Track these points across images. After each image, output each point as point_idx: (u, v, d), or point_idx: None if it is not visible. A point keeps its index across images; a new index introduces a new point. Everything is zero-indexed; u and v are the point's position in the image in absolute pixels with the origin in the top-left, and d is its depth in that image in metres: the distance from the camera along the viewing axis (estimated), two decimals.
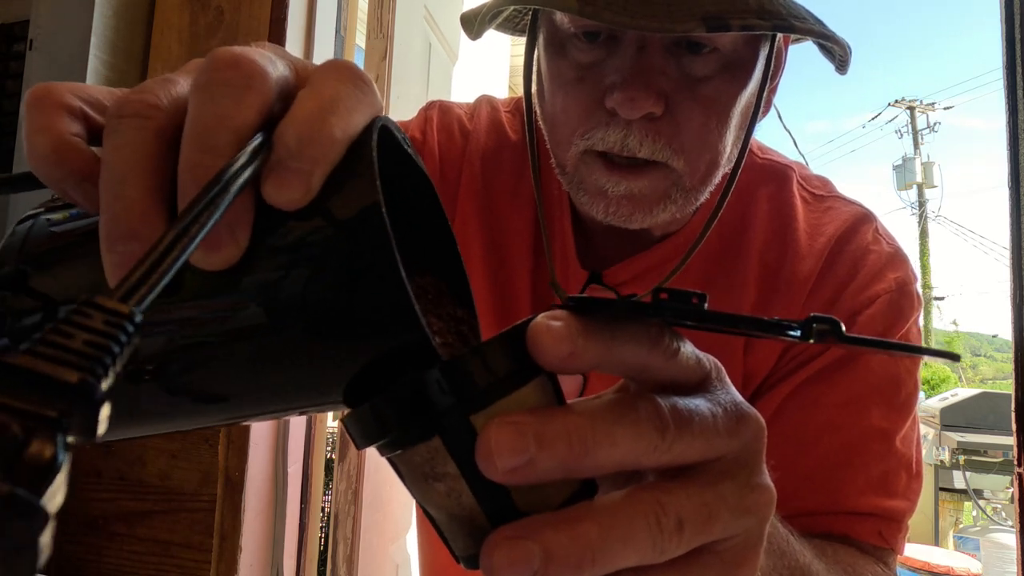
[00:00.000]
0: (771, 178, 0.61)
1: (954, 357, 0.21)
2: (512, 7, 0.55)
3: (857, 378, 0.53)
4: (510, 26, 0.60)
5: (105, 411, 0.12)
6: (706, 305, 0.19)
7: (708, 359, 0.23)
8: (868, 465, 0.52)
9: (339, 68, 0.21)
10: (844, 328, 0.19)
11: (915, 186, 17.15)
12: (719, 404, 0.22)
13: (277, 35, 0.99)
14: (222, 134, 0.19)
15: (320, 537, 1.19)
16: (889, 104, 18.03)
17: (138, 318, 0.14)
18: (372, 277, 0.20)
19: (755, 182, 0.60)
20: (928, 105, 17.66)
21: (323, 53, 1.11)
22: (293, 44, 1.03)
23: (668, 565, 0.21)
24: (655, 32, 0.41)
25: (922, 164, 17.08)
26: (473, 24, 0.57)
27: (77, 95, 0.22)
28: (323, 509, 1.24)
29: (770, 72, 0.51)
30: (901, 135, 18.06)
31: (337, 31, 1.17)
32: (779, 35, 0.53)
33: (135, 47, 1.03)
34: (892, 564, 0.53)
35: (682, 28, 0.40)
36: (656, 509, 0.20)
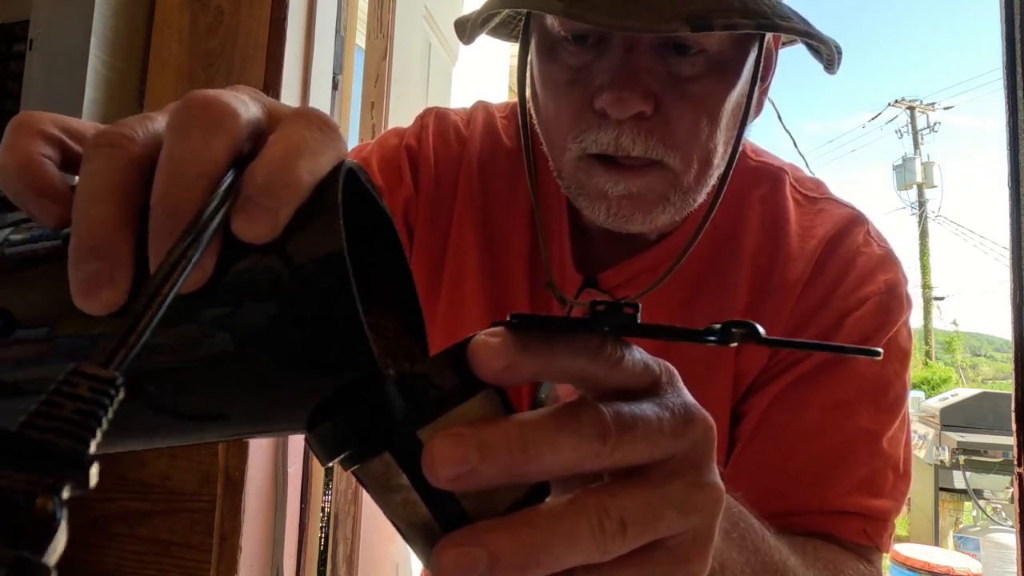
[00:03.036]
0: (764, 180, 0.61)
1: (874, 354, 0.22)
2: (503, 12, 0.55)
3: (844, 380, 0.53)
4: (505, 32, 0.60)
5: (94, 469, 0.15)
6: (639, 315, 0.21)
7: (659, 364, 0.24)
8: (854, 466, 0.53)
9: (308, 115, 0.22)
10: (762, 331, 0.20)
11: (915, 186, 17.16)
12: (666, 407, 0.23)
13: (277, 35, 0.99)
14: (192, 168, 0.20)
15: (320, 537, 1.19)
16: (889, 104, 18.05)
17: (119, 381, 0.16)
18: (332, 316, 0.21)
19: (748, 184, 0.61)
20: (928, 105, 17.67)
21: (323, 53, 1.11)
22: (293, 44, 1.03)
23: (617, 562, 0.22)
24: (639, 32, 0.42)
25: (922, 164, 17.09)
26: (466, 29, 0.58)
27: (57, 124, 0.23)
28: (323, 509, 1.24)
29: (759, 73, 0.52)
30: (901, 135, 18.07)
31: (337, 31, 1.17)
32: (769, 36, 0.54)
33: (135, 47, 1.03)
34: (877, 561, 0.54)
35: (666, 28, 0.41)
36: (599, 511, 0.21)
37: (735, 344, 0.21)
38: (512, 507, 0.22)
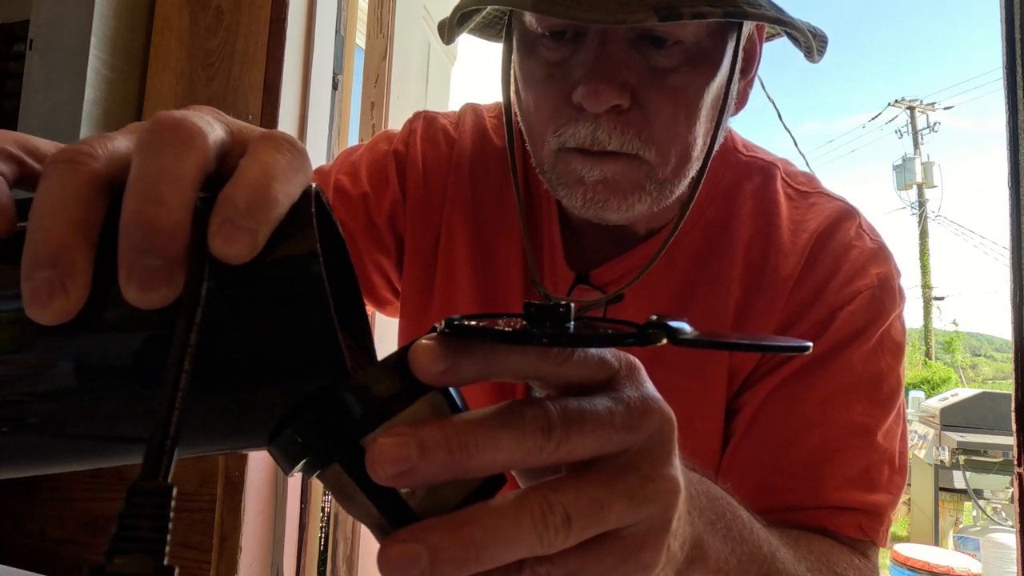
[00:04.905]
0: (755, 175, 0.61)
1: (802, 349, 0.23)
2: (483, 11, 0.56)
3: (838, 374, 0.53)
4: (492, 33, 0.61)
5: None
6: (571, 316, 0.22)
7: (617, 358, 0.25)
8: (849, 461, 0.53)
9: (277, 138, 0.23)
10: (687, 330, 0.21)
11: (915, 186, 17.17)
12: (621, 401, 0.23)
13: (277, 35, 0.99)
14: (164, 186, 0.20)
15: (320, 537, 1.19)
16: (889, 104, 18.06)
17: (174, 491, 0.19)
18: (310, 326, 0.22)
19: (739, 180, 0.61)
20: (928, 105, 17.68)
21: (323, 53, 1.11)
22: (293, 44, 1.03)
23: (567, 552, 0.23)
24: (607, 24, 0.42)
25: (922, 164, 17.10)
26: (445, 29, 0.58)
27: (19, 143, 0.24)
28: (323, 509, 1.24)
29: (738, 64, 0.51)
30: (901, 135, 18.08)
31: (337, 31, 1.17)
32: (752, 28, 0.54)
33: (135, 47, 1.03)
34: (872, 556, 0.53)
35: (634, 19, 0.41)
36: (542, 506, 0.22)
37: (657, 344, 0.21)
38: (463, 502, 0.23)
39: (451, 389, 0.24)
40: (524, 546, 0.21)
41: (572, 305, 0.22)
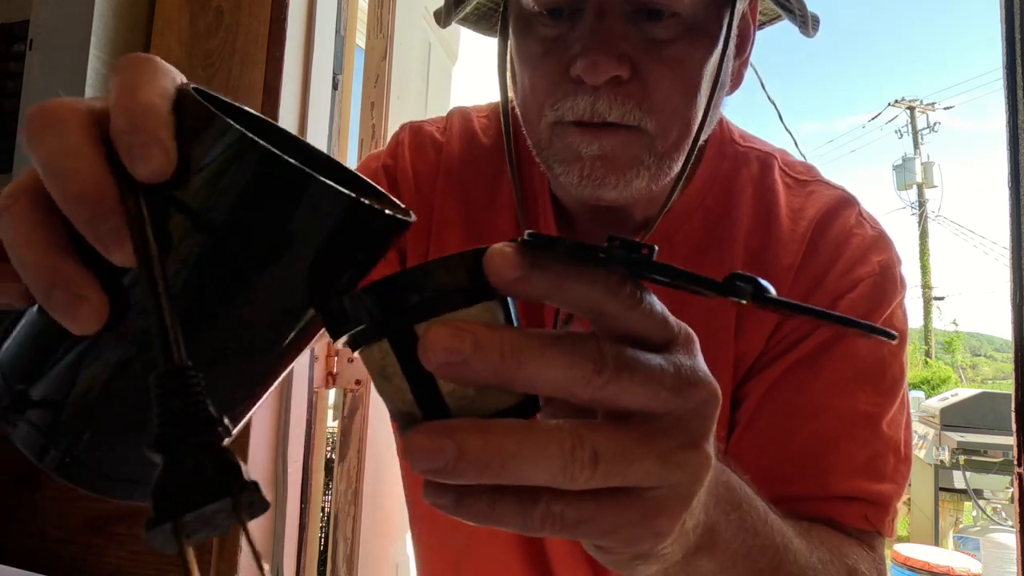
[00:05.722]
0: (753, 165, 0.61)
1: (890, 336, 0.22)
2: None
3: (842, 362, 0.53)
4: (486, 26, 0.61)
5: (226, 423, 0.20)
6: (654, 255, 0.21)
7: (679, 325, 0.24)
8: (854, 450, 0.52)
9: (119, 64, 0.23)
10: (769, 291, 0.21)
11: (915, 186, 17.16)
12: (674, 364, 0.23)
13: (277, 35, 0.99)
14: (66, 164, 0.21)
15: (320, 537, 1.19)
16: (889, 104, 18.04)
17: (190, 366, 0.20)
18: (273, 179, 0.22)
19: (738, 169, 0.61)
20: (928, 105, 17.66)
21: (323, 53, 1.11)
22: (293, 44, 1.03)
23: (586, 495, 0.23)
24: None
25: (922, 164, 17.08)
26: (441, 15, 0.59)
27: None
28: (323, 509, 1.24)
29: (732, 40, 0.51)
30: (901, 135, 18.07)
31: (337, 31, 1.17)
32: (745, 6, 0.54)
33: (135, 47, 1.03)
34: (879, 547, 0.53)
35: None
36: (574, 439, 0.22)
37: (742, 300, 0.21)
38: (494, 416, 0.23)
39: (511, 305, 0.24)
40: (548, 471, 0.21)
41: (655, 247, 0.21)
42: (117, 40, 0.99)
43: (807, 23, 0.55)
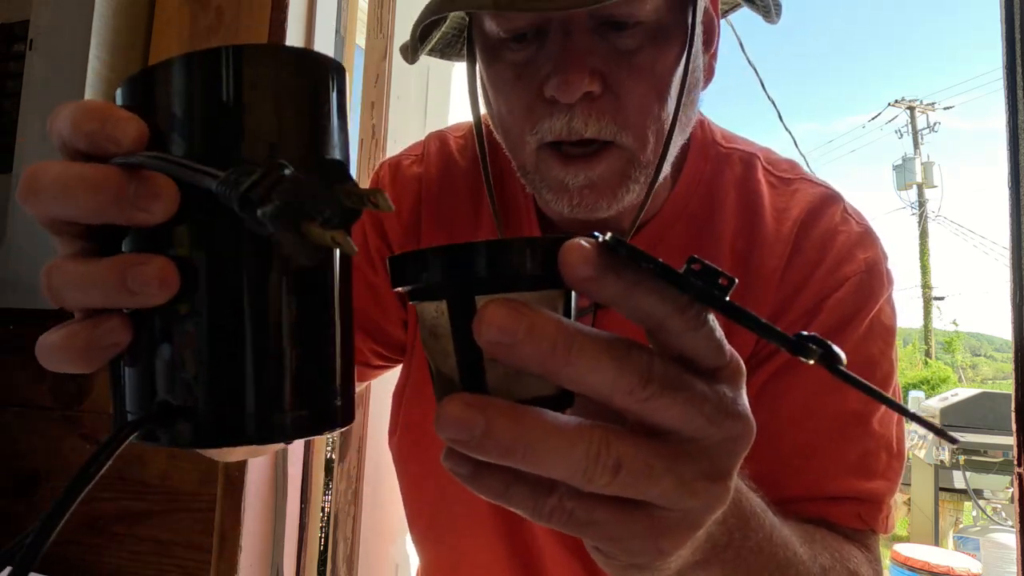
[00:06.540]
0: (736, 166, 0.61)
1: (951, 440, 0.22)
2: (441, 28, 0.56)
3: None
4: (453, 52, 0.62)
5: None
6: (729, 291, 0.21)
7: (732, 355, 0.24)
8: (845, 449, 0.52)
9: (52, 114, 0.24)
10: (842, 357, 0.20)
11: (915, 186, 17.17)
12: (717, 393, 0.23)
13: (277, 35, 0.99)
14: (76, 193, 0.23)
15: (320, 537, 1.19)
16: (889, 104, 18.04)
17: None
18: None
19: (720, 171, 0.60)
20: (928, 105, 17.66)
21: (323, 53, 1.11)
22: (293, 44, 1.03)
23: (599, 499, 0.23)
24: (556, 10, 0.43)
25: (922, 164, 17.09)
26: (408, 51, 0.59)
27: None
28: (323, 509, 1.24)
29: (699, 38, 0.51)
30: (901, 135, 18.07)
31: (337, 31, 1.17)
32: (705, 2, 0.54)
33: (135, 47, 1.03)
34: (874, 546, 0.53)
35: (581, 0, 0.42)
36: (601, 443, 0.22)
37: (807, 360, 0.20)
38: (528, 402, 0.23)
39: (572, 298, 0.24)
40: (568, 469, 0.22)
41: (735, 280, 0.21)
42: (117, 40, 0.99)
43: (769, 10, 0.55)
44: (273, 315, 0.23)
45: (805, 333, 0.21)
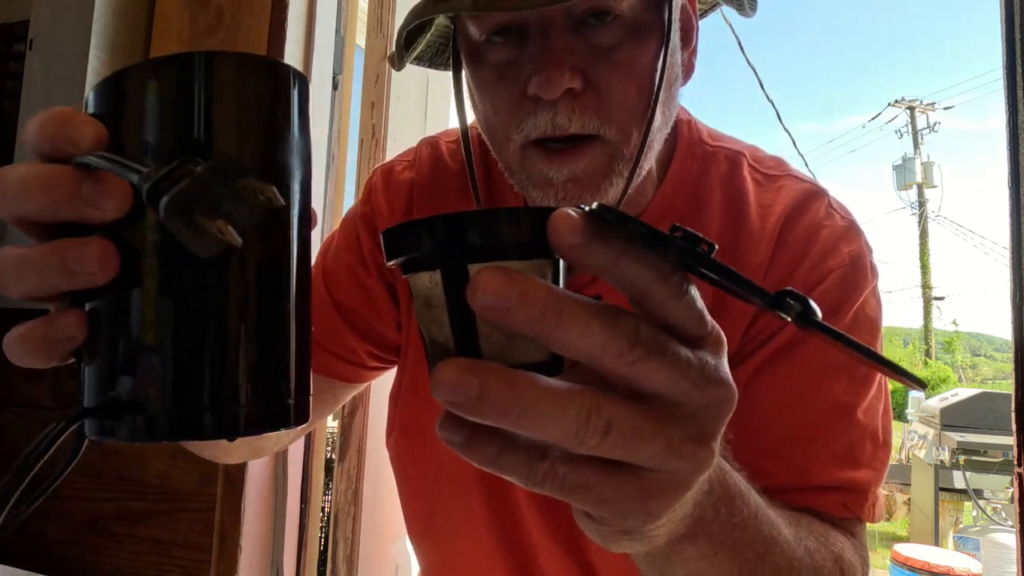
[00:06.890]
0: (722, 164, 0.61)
1: (921, 384, 0.23)
2: (428, 32, 0.57)
3: (815, 355, 0.53)
4: (440, 62, 0.63)
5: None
6: (713, 253, 0.22)
7: (713, 325, 0.25)
8: (831, 440, 0.53)
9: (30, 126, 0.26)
10: (816, 314, 0.21)
11: (915, 186, 17.18)
12: (701, 359, 0.24)
13: (277, 35, 0.99)
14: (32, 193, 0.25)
15: (320, 537, 1.19)
16: (889, 104, 18.06)
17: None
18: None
19: (707, 170, 0.61)
20: (928, 105, 17.68)
21: (323, 53, 1.11)
22: (293, 44, 1.03)
23: (589, 461, 0.24)
24: (532, 8, 0.44)
25: (922, 164, 17.10)
26: (395, 58, 0.60)
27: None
28: (323, 509, 1.24)
29: (676, 34, 0.52)
30: (901, 135, 18.08)
31: (337, 31, 1.17)
32: None
33: (135, 47, 1.03)
34: (860, 533, 0.54)
35: None
36: (592, 406, 0.22)
37: (787, 317, 0.21)
38: (521, 367, 0.23)
39: (561, 267, 0.25)
40: (560, 430, 0.22)
41: (715, 245, 0.22)
42: (117, 40, 0.99)
43: (743, 4, 0.56)
44: (221, 311, 0.24)
45: (784, 289, 0.21)
